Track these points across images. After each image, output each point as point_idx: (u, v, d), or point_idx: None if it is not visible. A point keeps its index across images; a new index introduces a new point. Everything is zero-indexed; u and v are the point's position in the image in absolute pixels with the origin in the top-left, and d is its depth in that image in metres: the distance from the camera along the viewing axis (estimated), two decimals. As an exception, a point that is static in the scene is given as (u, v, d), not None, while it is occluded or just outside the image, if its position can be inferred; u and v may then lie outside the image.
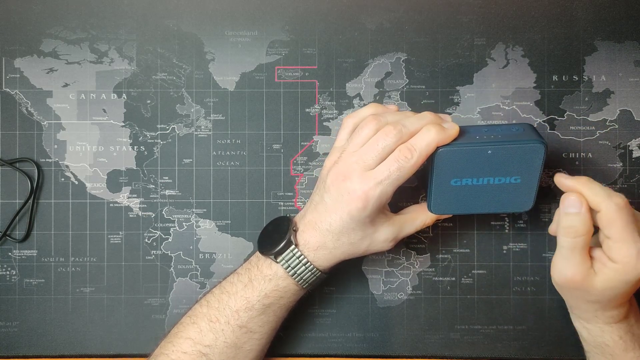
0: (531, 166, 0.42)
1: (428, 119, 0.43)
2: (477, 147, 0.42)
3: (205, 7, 0.54)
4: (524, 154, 0.42)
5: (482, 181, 0.43)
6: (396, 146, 0.42)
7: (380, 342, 0.54)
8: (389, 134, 0.42)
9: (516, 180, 0.43)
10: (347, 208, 0.42)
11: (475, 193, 0.44)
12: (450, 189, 0.44)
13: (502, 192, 0.44)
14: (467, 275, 0.54)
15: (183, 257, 0.54)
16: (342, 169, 0.43)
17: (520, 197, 0.44)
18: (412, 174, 0.42)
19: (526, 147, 0.42)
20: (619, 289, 0.41)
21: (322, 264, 0.45)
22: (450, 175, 0.43)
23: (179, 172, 0.54)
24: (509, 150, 0.42)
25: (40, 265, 0.53)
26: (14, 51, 0.54)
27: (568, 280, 0.42)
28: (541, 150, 0.42)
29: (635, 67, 0.53)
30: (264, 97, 0.54)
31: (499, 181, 0.43)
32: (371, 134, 0.43)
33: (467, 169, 0.43)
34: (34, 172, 0.53)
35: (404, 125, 0.42)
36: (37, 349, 0.53)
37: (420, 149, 0.41)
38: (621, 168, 0.53)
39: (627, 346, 0.44)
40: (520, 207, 0.45)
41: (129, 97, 0.54)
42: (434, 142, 0.41)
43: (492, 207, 0.45)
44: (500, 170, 0.43)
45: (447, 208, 0.46)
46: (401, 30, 0.54)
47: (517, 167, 0.42)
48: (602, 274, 0.41)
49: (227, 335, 0.45)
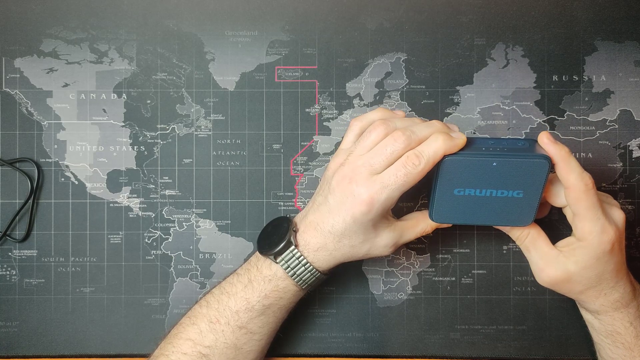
0: (534, 182, 0.42)
1: (436, 127, 0.43)
2: (483, 158, 0.42)
3: (205, 7, 0.54)
4: (528, 169, 0.42)
5: (485, 193, 0.43)
6: (404, 152, 0.42)
7: (380, 342, 0.54)
8: (398, 139, 0.42)
9: (518, 195, 0.43)
10: (352, 211, 0.42)
11: (477, 204, 0.44)
12: (452, 199, 0.44)
13: (504, 206, 0.44)
14: (467, 275, 0.54)
15: (183, 257, 0.54)
16: (349, 171, 0.43)
17: (521, 212, 0.44)
18: (419, 180, 0.42)
19: (531, 162, 0.42)
20: (595, 268, 0.43)
21: (321, 266, 0.45)
22: (454, 184, 0.43)
23: (179, 172, 0.54)
24: (513, 164, 0.42)
25: (40, 265, 0.53)
26: (14, 51, 0.54)
27: (547, 277, 0.45)
28: (545, 166, 0.42)
29: (635, 67, 0.53)
30: (264, 97, 0.54)
31: (501, 194, 0.43)
32: (379, 138, 0.43)
33: (471, 180, 0.43)
34: (34, 172, 0.53)
35: (413, 132, 0.42)
36: (37, 349, 0.53)
37: (427, 157, 0.41)
38: (621, 168, 0.53)
39: (638, 332, 0.45)
40: (520, 221, 0.45)
41: (129, 97, 0.54)
42: (442, 150, 0.41)
43: (492, 219, 0.45)
44: (503, 183, 0.43)
45: (448, 217, 0.46)
46: (401, 30, 0.54)
47: (520, 182, 0.42)
48: (572, 256, 0.44)
49: (227, 336, 0.45)
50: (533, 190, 0.43)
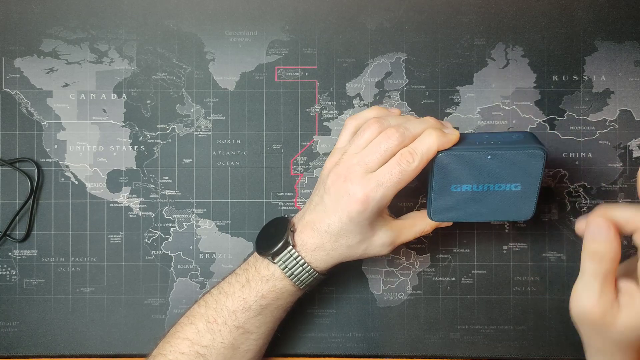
0: (531, 173, 0.42)
1: (430, 123, 0.43)
2: (477, 152, 0.42)
3: (205, 7, 0.54)
4: (524, 160, 0.42)
5: (482, 187, 0.43)
6: (398, 149, 0.42)
7: (380, 342, 0.54)
8: (392, 136, 0.42)
9: (516, 188, 0.43)
10: (347, 210, 0.42)
11: (475, 200, 0.44)
12: (450, 195, 0.44)
13: (503, 200, 0.43)
14: (467, 275, 0.54)
15: (183, 257, 0.54)
16: (343, 170, 0.43)
17: (521, 205, 0.44)
18: (414, 177, 0.42)
19: (526, 153, 0.41)
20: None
21: (319, 266, 0.45)
22: (450, 180, 0.43)
23: (179, 172, 0.54)
24: (508, 156, 0.42)
25: (40, 265, 0.53)
26: (14, 51, 0.54)
27: (587, 312, 0.37)
28: (541, 156, 0.41)
29: (635, 67, 0.53)
30: (264, 97, 0.54)
31: (498, 188, 0.43)
32: (373, 136, 0.43)
33: (467, 175, 0.43)
34: (34, 172, 0.53)
35: (406, 128, 0.42)
36: (37, 349, 0.53)
37: (421, 153, 0.41)
38: (621, 168, 0.53)
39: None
40: (520, 215, 0.44)
41: (129, 97, 0.54)
42: (435, 146, 0.41)
43: (492, 215, 0.45)
44: (500, 176, 0.42)
45: (447, 215, 0.45)
46: (401, 30, 0.54)
47: (517, 174, 0.42)
48: (627, 308, 0.36)
49: (224, 336, 0.45)
50: (531, 183, 0.42)
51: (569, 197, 0.53)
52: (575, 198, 0.53)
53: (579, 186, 0.53)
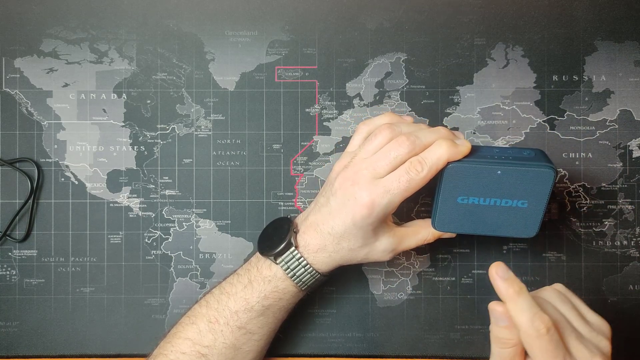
0: (539, 191, 0.42)
1: (441, 133, 0.43)
2: (487, 166, 0.41)
3: (205, 7, 0.54)
4: (533, 178, 0.41)
5: (489, 202, 0.43)
6: (408, 157, 0.41)
7: (380, 342, 0.54)
8: (402, 144, 0.42)
9: (523, 205, 0.42)
10: (352, 213, 0.42)
11: (480, 213, 0.43)
12: (456, 207, 0.43)
13: (508, 216, 0.43)
14: (467, 275, 0.54)
15: (183, 257, 0.54)
16: (351, 174, 0.42)
17: (526, 223, 0.43)
18: (422, 187, 0.41)
19: (536, 171, 0.41)
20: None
21: (321, 267, 0.45)
22: (458, 192, 0.43)
23: (179, 172, 0.54)
24: (518, 173, 0.41)
25: (40, 265, 0.53)
26: (14, 51, 0.54)
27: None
28: (550, 176, 0.41)
29: (635, 67, 0.53)
30: (264, 97, 0.54)
31: (505, 203, 0.43)
32: (384, 142, 0.43)
33: (475, 188, 0.42)
34: (34, 172, 0.53)
35: (418, 137, 0.42)
36: (37, 349, 0.53)
37: (430, 163, 0.41)
38: (621, 168, 0.53)
39: None
40: (524, 232, 0.44)
41: (129, 97, 0.54)
42: (445, 157, 0.41)
43: (496, 229, 0.44)
44: (508, 192, 0.42)
45: (451, 226, 0.45)
46: (401, 30, 0.54)
47: (525, 191, 0.42)
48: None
49: (226, 336, 0.45)
50: (538, 201, 0.42)
51: (569, 197, 0.53)
52: (575, 198, 0.53)
53: (579, 186, 0.53)
